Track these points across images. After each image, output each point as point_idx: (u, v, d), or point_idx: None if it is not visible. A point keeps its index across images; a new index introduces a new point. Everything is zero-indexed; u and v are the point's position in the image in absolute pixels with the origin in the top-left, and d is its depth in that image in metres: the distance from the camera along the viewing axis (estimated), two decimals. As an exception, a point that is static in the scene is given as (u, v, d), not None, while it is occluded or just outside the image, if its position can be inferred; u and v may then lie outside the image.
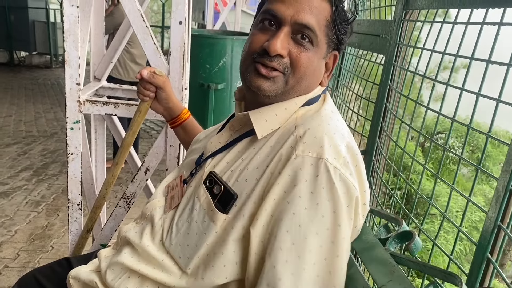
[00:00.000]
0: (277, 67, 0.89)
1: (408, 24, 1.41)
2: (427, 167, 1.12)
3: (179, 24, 1.51)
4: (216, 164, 0.99)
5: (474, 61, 0.99)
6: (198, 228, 0.93)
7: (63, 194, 3.62)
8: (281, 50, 0.88)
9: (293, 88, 0.93)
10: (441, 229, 1.12)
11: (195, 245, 0.92)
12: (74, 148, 1.66)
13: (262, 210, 0.82)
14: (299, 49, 0.89)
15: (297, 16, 0.87)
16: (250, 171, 0.89)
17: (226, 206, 0.89)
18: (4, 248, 2.77)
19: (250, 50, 0.93)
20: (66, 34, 1.51)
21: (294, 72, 0.90)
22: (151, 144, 5.26)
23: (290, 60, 0.90)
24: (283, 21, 0.88)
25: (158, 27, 11.17)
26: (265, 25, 0.91)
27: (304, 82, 0.93)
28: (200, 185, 0.97)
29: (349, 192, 0.80)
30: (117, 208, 1.73)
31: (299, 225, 0.78)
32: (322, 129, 0.86)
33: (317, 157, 0.81)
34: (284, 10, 0.88)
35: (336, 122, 0.91)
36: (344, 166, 0.82)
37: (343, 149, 0.84)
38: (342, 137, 0.87)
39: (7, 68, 10.01)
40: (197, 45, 3.47)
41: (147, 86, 1.31)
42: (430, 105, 1.17)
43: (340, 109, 2.24)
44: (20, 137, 5.18)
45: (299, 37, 0.89)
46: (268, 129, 0.93)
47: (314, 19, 0.88)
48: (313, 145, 0.82)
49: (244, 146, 0.96)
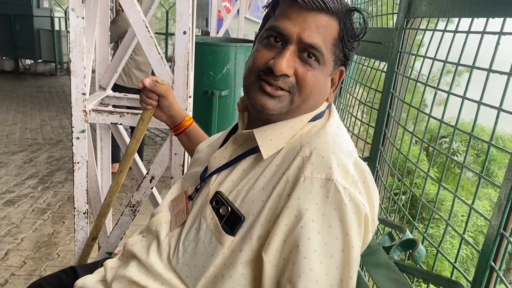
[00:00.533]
0: (283, 86, 0.88)
1: (410, 32, 1.42)
2: (430, 175, 1.12)
3: (183, 34, 1.53)
4: (222, 182, 0.98)
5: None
6: (205, 249, 0.93)
7: (69, 202, 3.64)
8: (287, 70, 0.86)
9: (299, 107, 0.92)
10: (445, 236, 1.13)
11: (203, 266, 0.92)
12: (80, 157, 1.67)
13: (273, 235, 0.82)
14: (305, 67, 0.88)
15: (303, 35, 0.86)
16: (256, 191, 0.88)
17: (234, 228, 0.88)
18: (10, 256, 2.78)
19: (255, 66, 0.91)
20: (72, 44, 1.54)
21: (300, 91, 0.89)
22: (155, 150, 5.28)
23: (296, 79, 0.88)
24: (289, 39, 0.87)
25: (162, 34, 11.24)
26: (270, 42, 0.90)
27: (310, 100, 0.92)
28: (206, 204, 0.97)
29: (359, 212, 0.80)
30: (122, 216, 1.74)
31: (315, 250, 0.78)
32: (329, 148, 0.85)
33: (326, 178, 0.80)
34: (290, 28, 0.87)
35: (341, 139, 0.90)
36: (353, 185, 0.81)
37: (351, 167, 0.83)
38: (349, 154, 0.86)
39: (12, 76, 10.09)
40: (200, 53, 3.50)
41: (149, 94, 1.32)
42: (434, 108, 1.18)
43: (344, 115, 2.25)
44: (26, 145, 5.22)
45: (306, 56, 0.88)
46: (274, 149, 0.92)
47: (320, 39, 0.87)
48: (321, 166, 0.82)
49: (249, 164, 0.95)
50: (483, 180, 0.97)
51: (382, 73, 1.68)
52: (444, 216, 1.13)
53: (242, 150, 0.99)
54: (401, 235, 0.95)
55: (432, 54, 1.21)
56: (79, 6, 1.50)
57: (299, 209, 0.80)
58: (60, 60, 10.75)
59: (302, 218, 0.79)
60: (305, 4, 0.86)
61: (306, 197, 0.80)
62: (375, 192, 0.88)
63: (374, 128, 1.59)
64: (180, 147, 1.67)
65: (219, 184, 0.98)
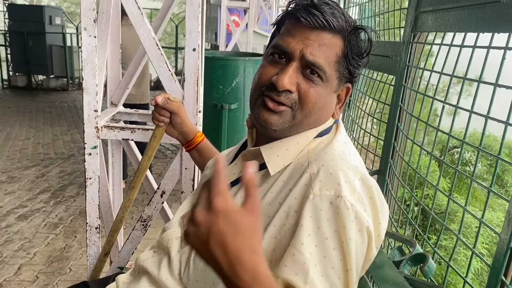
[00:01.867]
0: (285, 102, 0.89)
1: (417, 45, 1.43)
2: (439, 188, 1.12)
3: (193, 51, 1.56)
4: (231, 198, 0.99)
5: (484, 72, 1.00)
6: None
7: (80, 216, 3.67)
8: (289, 86, 0.88)
9: (301, 122, 0.93)
10: (455, 249, 1.12)
11: (213, 283, 0.93)
12: (92, 173, 1.70)
13: (289, 255, 0.81)
14: (308, 84, 0.89)
15: (306, 52, 0.87)
16: (263, 207, 0.89)
17: None
18: (23, 271, 2.81)
19: (259, 82, 0.93)
20: (84, 63, 1.57)
21: (302, 107, 0.90)
22: (166, 164, 5.32)
23: (298, 95, 0.89)
24: (292, 55, 0.88)
25: (172, 48, 11.37)
26: (275, 58, 0.92)
27: (312, 116, 0.93)
28: None
29: (363, 229, 0.80)
30: (134, 231, 1.76)
31: (332, 267, 0.79)
32: (336, 165, 0.85)
33: (336, 194, 0.80)
34: (293, 45, 0.88)
35: (348, 155, 0.90)
36: (359, 202, 0.81)
37: (357, 184, 0.84)
38: (356, 170, 0.86)
39: (25, 92, 10.27)
40: (210, 67, 3.54)
41: (161, 112, 1.34)
42: (445, 117, 1.18)
43: (353, 127, 2.26)
44: (38, 160, 5.29)
45: (308, 72, 0.89)
46: (281, 165, 0.93)
47: (322, 57, 0.88)
48: (330, 183, 0.82)
49: (258, 181, 0.95)
50: (497, 189, 0.96)
51: (388, 89, 1.69)
52: (456, 227, 1.13)
53: None
54: (411, 249, 0.95)
55: (441, 64, 1.21)
56: (91, 26, 1.54)
57: (313, 228, 0.80)
58: (72, 76, 10.93)
59: (316, 237, 0.79)
60: (308, 23, 0.87)
61: (318, 216, 0.80)
62: (383, 208, 0.88)
63: (383, 141, 1.59)
64: (190, 162, 1.69)
65: None
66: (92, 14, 1.53)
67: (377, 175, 1.62)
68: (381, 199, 0.89)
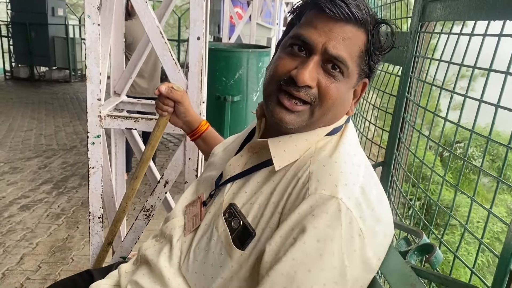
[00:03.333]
0: (305, 97, 0.86)
1: (425, 35, 1.41)
2: (446, 179, 1.11)
3: (197, 40, 1.54)
4: (236, 192, 0.97)
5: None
6: (214, 259, 0.93)
7: (83, 207, 3.68)
8: (310, 81, 0.84)
9: (318, 120, 0.89)
10: (462, 241, 1.11)
11: (211, 277, 0.92)
12: (95, 162, 1.69)
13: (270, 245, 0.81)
14: (329, 79, 0.85)
15: (329, 46, 0.83)
16: (267, 206, 0.87)
17: (244, 242, 0.88)
18: (26, 261, 2.82)
19: (276, 75, 0.89)
20: (87, 51, 1.56)
21: (322, 104, 0.87)
22: (168, 156, 5.32)
23: (318, 90, 0.86)
24: (314, 49, 0.84)
25: (175, 40, 11.33)
26: (294, 50, 0.87)
27: (330, 113, 0.89)
28: (219, 215, 0.96)
29: (357, 237, 0.77)
30: (136, 221, 1.75)
31: (308, 270, 0.76)
32: (338, 167, 0.83)
33: (331, 195, 0.78)
34: (316, 37, 0.84)
35: (353, 158, 0.87)
36: (356, 207, 0.78)
37: (357, 190, 0.81)
38: (357, 177, 0.83)
39: (28, 83, 10.26)
40: (213, 59, 3.52)
41: (165, 101, 1.33)
42: (449, 113, 1.17)
43: (357, 120, 2.25)
44: (40, 151, 5.29)
45: (330, 67, 0.85)
46: (287, 161, 0.90)
47: (346, 51, 0.84)
48: (327, 183, 0.80)
49: (264, 177, 0.94)
50: (499, 185, 0.95)
51: (396, 79, 1.67)
52: (460, 221, 1.12)
53: (257, 159, 0.98)
54: (418, 240, 0.94)
55: (447, 58, 1.20)
56: (95, 13, 1.52)
57: (298, 224, 0.78)
58: (74, 67, 10.92)
59: (299, 235, 0.78)
60: (333, 14, 0.83)
61: (306, 214, 0.78)
62: (383, 217, 0.85)
63: (388, 133, 1.58)
64: (194, 152, 1.68)
65: (233, 195, 0.97)
66: (96, 2, 1.51)
67: (382, 167, 1.60)
68: (383, 208, 0.86)
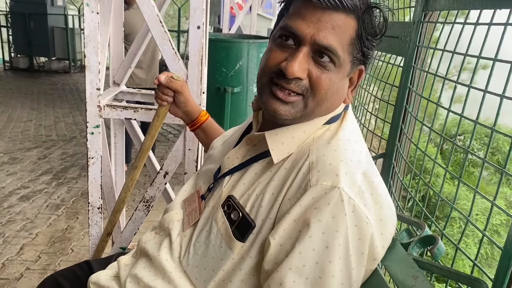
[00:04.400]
0: (296, 89, 0.84)
1: (428, 25, 1.39)
2: (449, 170, 1.10)
3: (197, 29, 1.52)
4: (234, 185, 0.96)
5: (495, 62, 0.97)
6: (215, 252, 0.92)
7: (82, 197, 3.68)
8: (299, 73, 0.82)
9: (313, 111, 0.88)
10: (464, 234, 1.10)
11: (212, 270, 0.92)
12: (94, 152, 1.68)
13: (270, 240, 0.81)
14: (320, 70, 0.84)
15: (318, 36, 0.81)
16: (265, 197, 0.87)
17: (244, 234, 0.88)
18: (25, 251, 2.82)
19: (267, 67, 0.88)
20: (86, 40, 1.54)
21: (314, 95, 0.85)
22: (168, 147, 5.30)
23: (309, 81, 0.84)
24: (303, 40, 0.82)
25: (174, 31, 11.27)
26: (283, 42, 0.86)
27: (325, 103, 0.88)
28: (218, 207, 0.96)
29: (360, 225, 0.77)
30: (136, 212, 1.75)
31: (316, 262, 0.76)
32: (339, 155, 0.82)
33: (332, 185, 0.77)
34: (304, 28, 0.82)
35: (354, 145, 0.87)
36: (359, 196, 0.78)
37: (359, 177, 0.80)
38: (359, 163, 0.83)
39: (27, 74, 10.22)
40: (213, 49, 3.50)
41: (165, 91, 1.32)
42: (451, 106, 1.16)
43: (358, 112, 2.23)
44: (40, 141, 5.28)
45: (320, 58, 0.83)
46: (285, 153, 0.89)
47: (336, 40, 0.82)
48: (328, 173, 0.79)
49: (262, 168, 0.93)
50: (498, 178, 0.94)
51: (397, 71, 1.66)
52: (457, 214, 1.11)
53: (255, 151, 0.98)
54: (419, 232, 0.93)
55: (451, 47, 1.18)
56: (94, 1, 1.50)
57: (302, 217, 0.78)
58: (74, 58, 10.87)
59: (304, 229, 0.77)
60: (320, 3, 0.80)
61: (309, 206, 0.78)
62: (385, 204, 0.84)
63: (390, 124, 1.57)
64: (194, 143, 1.67)
65: (232, 187, 0.97)
66: (95, -10, 1.49)
67: (383, 158, 1.59)
68: (384, 196, 0.85)
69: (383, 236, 0.83)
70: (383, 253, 0.84)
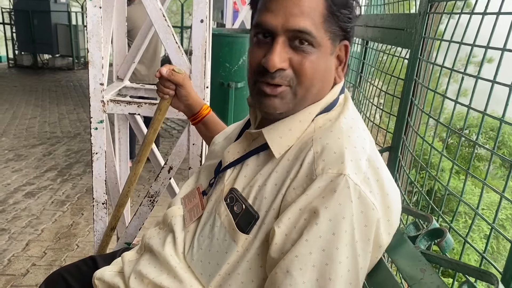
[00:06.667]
0: (282, 82, 0.84)
1: (434, 17, 1.38)
2: (457, 163, 1.09)
3: (200, 23, 1.51)
4: (236, 177, 0.96)
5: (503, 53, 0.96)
6: (219, 246, 0.92)
7: (87, 194, 3.68)
8: (280, 64, 0.82)
9: (304, 98, 0.87)
10: (472, 227, 1.09)
11: (217, 263, 0.92)
12: (98, 148, 1.67)
13: (277, 228, 0.80)
14: (300, 55, 0.83)
15: (288, 23, 0.81)
16: (268, 187, 0.86)
17: (247, 226, 0.87)
18: (31, 247, 2.83)
19: (251, 68, 0.88)
20: (89, 34, 1.53)
21: (301, 82, 0.85)
22: (172, 143, 5.31)
23: (293, 70, 0.84)
24: (275, 31, 0.82)
25: (177, 27, 11.25)
26: (259, 39, 0.86)
27: (314, 87, 0.87)
28: (220, 201, 0.95)
29: (367, 211, 0.77)
30: (141, 207, 1.74)
31: (323, 249, 0.76)
32: (342, 143, 0.82)
33: (338, 173, 0.77)
34: (273, 20, 0.82)
35: (357, 131, 0.86)
36: (364, 182, 0.78)
37: (364, 164, 0.80)
38: (363, 150, 0.83)
39: (31, 71, 10.25)
40: (216, 44, 3.48)
41: (166, 84, 1.31)
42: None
43: (363, 106, 2.21)
44: (44, 138, 5.30)
45: (297, 43, 0.83)
46: (285, 146, 0.89)
47: (307, 21, 0.81)
48: (333, 161, 0.79)
49: (263, 159, 0.93)
50: (503, 173, 0.92)
51: (402, 64, 1.64)
52: (462, 209, 1.10)
53: (256, 145, 0.97)
54: (427, 225, 0.92)
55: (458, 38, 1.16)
56: (97, -4, 1.49)
57: (308, 205, 0.78)
58: (77, 55, 10.89)
59: (311, 217, 0.77)
60: None
61: (316, 195, 0.78)
62: (391, 191, 0.84)
63: (396, 117, 1.55)
64: (198, 138, 1.66)
65: (234, 180, 0.96)
66: (97, -16, 1.48)
67: (389, 152, 1.58)
68: (389, 182, 0.84)
69: (389, 223, 0.83)
70: (388, 240, 0.84)
